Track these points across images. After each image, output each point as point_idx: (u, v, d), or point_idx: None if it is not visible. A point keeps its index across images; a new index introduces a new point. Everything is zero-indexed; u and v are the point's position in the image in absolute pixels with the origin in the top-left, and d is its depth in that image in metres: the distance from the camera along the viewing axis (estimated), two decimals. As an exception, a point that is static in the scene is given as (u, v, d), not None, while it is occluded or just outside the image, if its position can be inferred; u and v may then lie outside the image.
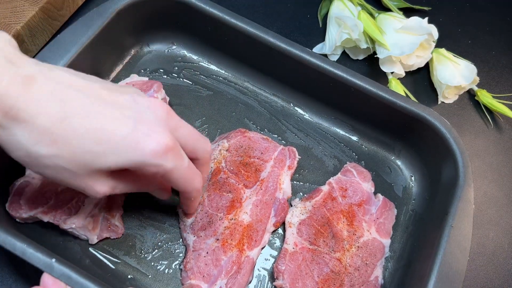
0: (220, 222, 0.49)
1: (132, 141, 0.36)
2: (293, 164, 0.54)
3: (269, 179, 0.52)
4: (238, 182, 0.51)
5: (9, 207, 0.47)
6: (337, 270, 0.48)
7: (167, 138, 0.37)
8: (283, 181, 0.52)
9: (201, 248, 0.48)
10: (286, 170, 0.53)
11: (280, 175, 0.52)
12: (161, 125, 0.38)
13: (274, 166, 0.53)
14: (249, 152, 0.53)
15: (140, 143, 0.36)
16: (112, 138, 0.35)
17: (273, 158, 0.53)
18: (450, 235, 0.46)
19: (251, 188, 0.51)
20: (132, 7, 0.55)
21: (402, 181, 0.57)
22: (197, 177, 0.42)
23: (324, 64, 0.54)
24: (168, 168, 0.38)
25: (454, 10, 0.74)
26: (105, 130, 0.35)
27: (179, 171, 0.39)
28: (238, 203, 0.50)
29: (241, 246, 0.48)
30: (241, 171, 0.52)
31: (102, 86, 0.37)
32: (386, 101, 0.53)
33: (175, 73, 0.61)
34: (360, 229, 0.51)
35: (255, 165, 0.52)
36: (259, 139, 0.55)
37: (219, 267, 0.47)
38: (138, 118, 0.37)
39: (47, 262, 0.40)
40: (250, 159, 0.53)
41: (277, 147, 0.54)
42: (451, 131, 0.52)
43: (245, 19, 0.56)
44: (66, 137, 0.34)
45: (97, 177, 0.37)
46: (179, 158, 0.39)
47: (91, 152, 0.35)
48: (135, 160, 0.36)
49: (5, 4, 0.57)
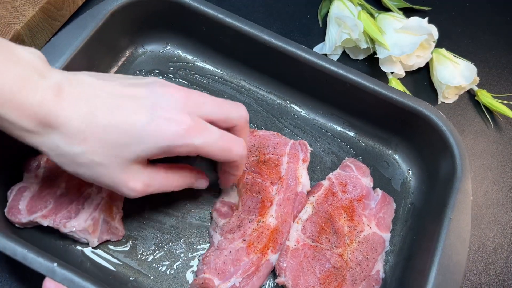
0: (250, 225, 0.49)
1: (153, 128, 0.38)
2: (307, 157, 0.54)
3: (288, 176, 0.52)
4: (264, 180, 0.52)
5: (8, 212, 0.46)
6: (338, 265, 0.49)
7: (185, 117, 0.39)
8: (301, 175, 0.53)
9: (225, 248, 0.48)
10: (301, 163, 0.53)
11: (297, 170, 0.53)
12: (179, 108, 0.40)
13: (290, 162, 0.53)
14: (263, 150, 0.53)
15: (161, 129, 0.38)
16: (134, 128, 0.38)
17: (286, 153, 0.54)
18: (450, 227, 0.47)
19: (276, 184, 0.52)
20: (126, 8, 0.55)
21: (400, 175, 0.58)
22: (235, 144, 0.43)
23: (319, 60, 0.54)
24: (198, 144, 0.40)
25: (454, 10, 0.74)
26: (127, 121, 0.38)
27: (212, 144, 0.41)
28: (268, 202, 0.50)
29: (266, 250, 0.48)
30: (263, 169, 0.52)
31: (121, 82, 0.40)
32: (382, 96, 0.54)
33: (171, 73, 0.61)
34: (361, 224, 0.51)
35: (273, 161, 0.53)
36: (269, 135, 0.55)
37: (237, 267, 0.47)
38: (155, 106, 0.39)
39: (48, 266, 0.40)
40: (266, 156, 0.53)
41: (288, 141, 0.55)
42: (447, 123, 0.52)
43: (239, 18, 0.56)
44: (94, 133, 0.37)
45: (130, 172, 0.40)
46: (206, 133, 0.41)
47: (118, 144, 0.38)
48: (161, 145, 0.39)
49: (5, 4, 0.57)
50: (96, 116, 0.37)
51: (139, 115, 0.38)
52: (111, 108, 0.38)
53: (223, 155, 0.42)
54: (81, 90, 0.38)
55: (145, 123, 0.38)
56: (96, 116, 0.37)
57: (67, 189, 0.48)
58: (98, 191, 0.48)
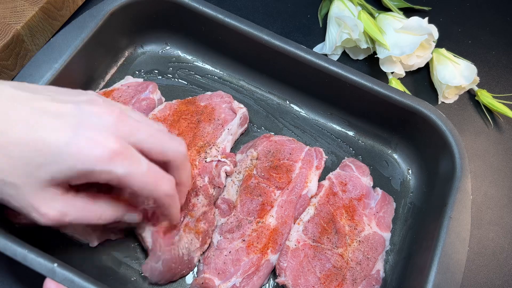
0: (249, 225, 0.49)
1: (73, 149, 0.35)
2: (321, 164, 0.54)
3: (297, 180, 0.52)
4: (269, 185, 0.52)
5: (7, 212, 0.46)
6: (339, 265, 0.49)
7: (112, 142, 0.35)
8: (311, 180, 0.53)
9: (225, 248, 0.48)
10: (314, 170, 0.53)
11: (308, 175, 0.53)
12: (108, 131, 0.36)
13: (302, 167, 0.53)
14: (278, 155, 0.54)
15: (83, 150, 0.35)
16: (52, 147, 0.34)
17: (301, 159, 0.54)
18: (449, 226, 0.47)
19: (283, 189, 0.52)
20: (125, 8, 0.55)
21: (400, 174, 0.58)
22: (163, 180, 0.39)
23: (318, 60, 0.54)
24: (120, 174, 0.36)
25: (454, 10, 0.74)
26: (45, 140, 0.35)
27: (136, 176, 0.36)
28: (269, 206, 0.50)
29: (265, 250, 0.48)
30: (272, 175, 0.52)
31: (49, 96, 0.37)
32: (382, 96, 0.54)
33: (170, 74, 0.61)
34: (361, 223, 0.51)
35: (286, 166, 0.53)
36: (285, 141, 0.55)
37: (237, 267, 0.47)
38: (81, 125, 0.35)
39: (49, 267, 0.40)
40: (279, 162, 0.53)
41: (304, 148, 0.55)
42: (447, 123, 0.52)
43: (239, 18, 0.56)
44: (6, 149, 0.34)
45: (44, 196, 0.36)
46: (132, 162, 0.36)
47: (32, 163, 0.35)
48: (79, 168, 0.35)
49: (5, 4, 0.57)
50: (9, 131, 0.34)
51: (59, 133, 0.35)
52: (30, 124, 0.35)
53: (147, 190, 0.38)
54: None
55: (64, 142, 0.34)
56: (9, 130, 0.34)
57: (66, 189, 0.48)
58: (98, 192, 0.48)
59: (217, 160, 0.51)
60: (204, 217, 0.48)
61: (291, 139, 0.56)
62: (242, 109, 0.55)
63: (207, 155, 0.51)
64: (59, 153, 0.34)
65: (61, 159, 0.35)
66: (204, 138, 0.52)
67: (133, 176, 0.36)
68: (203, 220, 0.48)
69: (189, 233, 0.47)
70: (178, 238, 0.46)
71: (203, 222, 0.48)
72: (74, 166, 0.35)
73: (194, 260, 0.47)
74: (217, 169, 0.51)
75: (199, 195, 0.49)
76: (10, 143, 0.34)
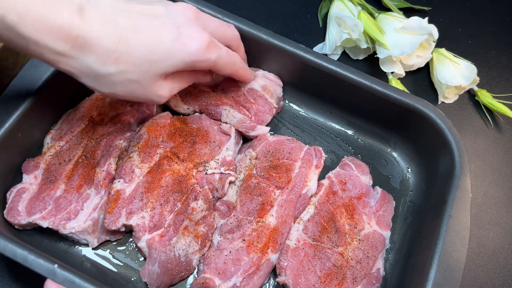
0: (249, 225, 0.49)
1: (179, 45, 0.42)
2: (320, 163, 0.54)
3: (296, 179, 0.52)
4: (269, 185, 0.51)
5: (7, 214, 0.46)
6: (339, 264, 0.49)
7: (205, 34, 0.44)
8: (310, 179, 0.53)
9: (225, 248, 0.48)
10: (314, 169, 0.53)
11: (308, 174, 0.53)
12: (196, 25, 0.44)
13: (302, 166, 0.53)
14: (277, 155, 0.53)
15: (187, 45, 0.43)
16: (162, 45, 0.41)
17: (300, 158, 0.54)
18: (449, 225, 0.47)
19: (281, 188, 0.52)
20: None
21: (399, 173, 0.58)
22: (236, 57, 0.50)
23: (318, 59, 0.54)
24: (213, 59, 0.45)
25: (454, 10, 0.74)
26: (155, 39, 0.41)
27: (222, 58, 0.46)
28: (269, 206, 0.50)
29: (266, 249, 0.48)
30: (272, 175, 0.52)
31: (138, 1, 0.43)
32: (381, 94, 0.54)
33: (169, 74, 0.61)
34: (361, 222, 0.51)
35: (285, 165, 0.53)
36: (283, 140, 0.55)
37: (238, 266, 0.47)
38: (176, 24, 0.43)
39: (49, 268, 0.40)
40: (279, 161, 0.53)
41: (303, 147, 0.55)
42: (446, 121, 0.52)
43: (239, 18, 0.55)
44: (127, 52, 0.40)
45: (159, 83, 0.44)
46: (218, 48, 0.46)
47: (149, 61, 0.41)
48: (187, 60, 0.43)
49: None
50: (125, 36, 0.39)
51: (165, 33, 0.41)
52: (136, 27, 0.40)
53: (230, 68, 0.49)
54: (103, 11, 0.39)
55: (170, 40, 0.42)
56: (124, 36, 0.39)
57: (66, 190, 0.48)
58: (97, 192, 0.48)
59: (219, 173, 0.51)
60: (204, 221, 0.48)
61: (291, 138, 0.56)
62: (232, 128, 0.54)
63: (206, 168, 0.51)
64: (169, 51, 0.42)
65: (172, 55, 0.42)
66: (201, 157, 0.52)
67: (220, 59, 0.46)
68: (202, 224, 0.48)
69: (187, 236, 0.47)
70: (176, 240, 0.46)
71: (202, 225, 0.48)
72: (182, 60, 0.43)
73: (193, 262, 0.47)
74: (221, 182, 0.51)
75: (198, 200, 0.49)
76: (128, 45, 0.40)
